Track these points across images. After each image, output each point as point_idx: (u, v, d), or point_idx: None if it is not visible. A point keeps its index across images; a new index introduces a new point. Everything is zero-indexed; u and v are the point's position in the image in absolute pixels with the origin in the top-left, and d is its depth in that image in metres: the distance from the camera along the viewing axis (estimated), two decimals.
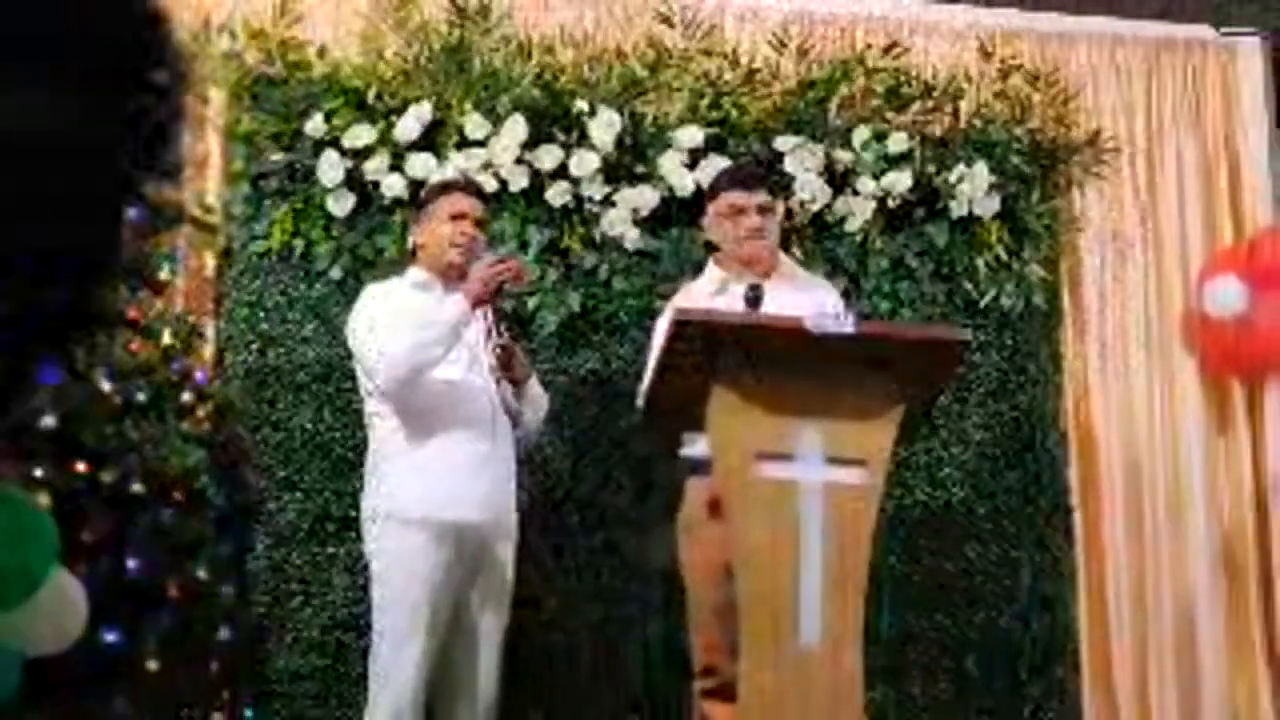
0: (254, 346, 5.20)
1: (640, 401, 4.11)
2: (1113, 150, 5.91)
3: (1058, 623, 5.54)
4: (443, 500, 4.17)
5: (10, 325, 0.77)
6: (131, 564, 4.18)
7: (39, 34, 0.75)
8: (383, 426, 4.29)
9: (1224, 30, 6.31)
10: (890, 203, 5.52)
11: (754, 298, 4.05)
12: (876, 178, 5.50)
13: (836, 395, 3.61)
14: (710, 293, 4.49)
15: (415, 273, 4.45)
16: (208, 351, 5.19)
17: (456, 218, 4.42)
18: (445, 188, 4.60)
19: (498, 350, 4.31)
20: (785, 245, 4.78)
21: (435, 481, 4.18)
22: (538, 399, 4.55)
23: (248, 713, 4.78)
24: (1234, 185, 6.24)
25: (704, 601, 4.29)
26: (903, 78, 5.71)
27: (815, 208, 5.46)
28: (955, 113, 5.76)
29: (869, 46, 5.83)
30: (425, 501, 4.17)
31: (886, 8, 6.05)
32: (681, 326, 3.68)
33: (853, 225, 5.51)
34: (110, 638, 3.87)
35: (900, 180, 5.50)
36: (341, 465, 5.09)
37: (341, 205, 5.22)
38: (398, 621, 4.11)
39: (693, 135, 5.39)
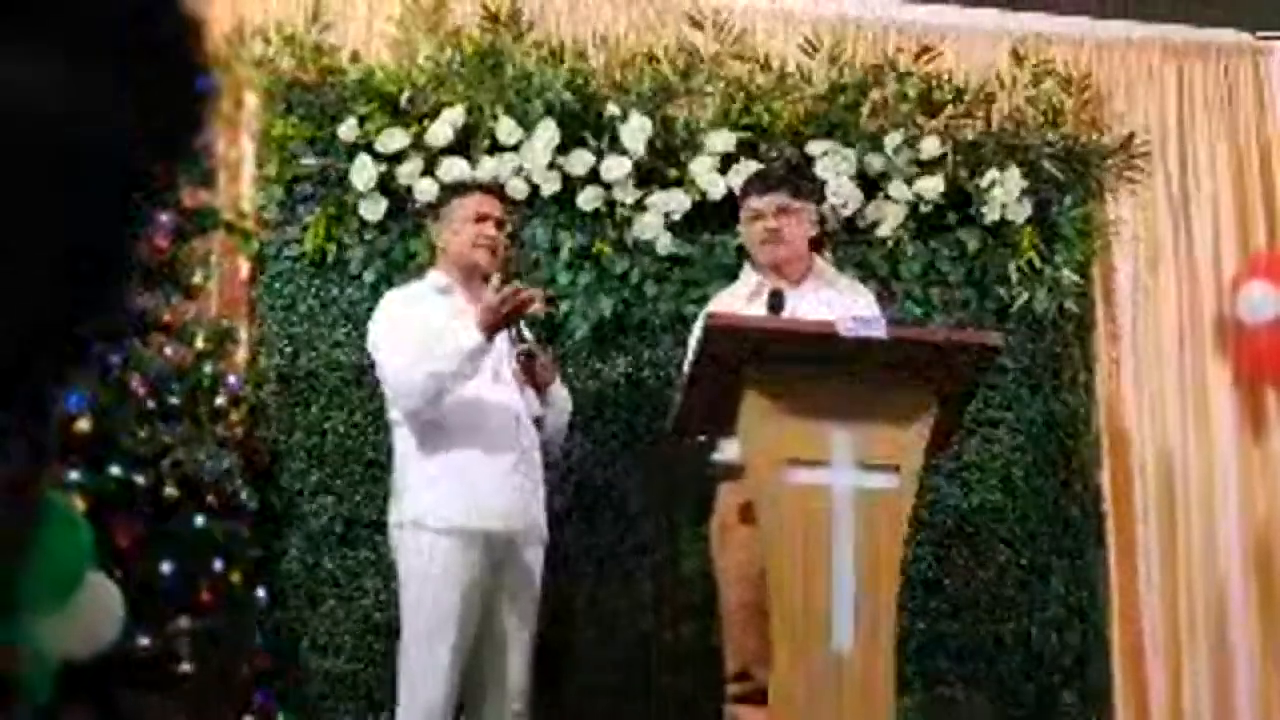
0: (287, 350, 5.21)
1: (673, 406, 4.11)
2: (1145, 155, 5.86)
3: (1090, 627, 5.51)
4: (469, 509, 4.16)
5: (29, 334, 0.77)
6: (165, 567, 4.21)
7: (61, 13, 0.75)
8: (407, 434, 4.29)
9: (1259, 34, 6.28)
10: (922, 207, 5.51)
11: (775, 304, 4.04)
12: (909, 182, 5.48)
13: (868, 400, 3.61)
14: (744, 297, 4.49)
15: (436, 276, 4.45)
16: (241, 355, 5.21)
17: (479, 219, 4.41)
18: (466, 189, 4.59)
19: (521, 356, 4.30)
20: (817, 249, 4.76)
21: (461, 490, 4.17)
22: (562, 402, 4.52)
23: (279, 716, 4.79)
24: (1268, 190, 6.21)
25: (736, 606, 4.29)
26: (935, 82, 5.68)
27: (847, 212, 5.45)
28: (987, 117, 5.74)
29: (900, 51, 5.81)
30: (452, 509, 4.16)
31: (918, 12, 6.04)
32: (712, 331, 3.68)
33: (884, 230, 5.49)
34: (144, 640, 3.89)
35: (932, 185, 5.48)
36: (374, 469, 5.09)
37: (374, 210, 5.22)
38: (427, 626, 4.11)
39: (724, 139, 5.37)
